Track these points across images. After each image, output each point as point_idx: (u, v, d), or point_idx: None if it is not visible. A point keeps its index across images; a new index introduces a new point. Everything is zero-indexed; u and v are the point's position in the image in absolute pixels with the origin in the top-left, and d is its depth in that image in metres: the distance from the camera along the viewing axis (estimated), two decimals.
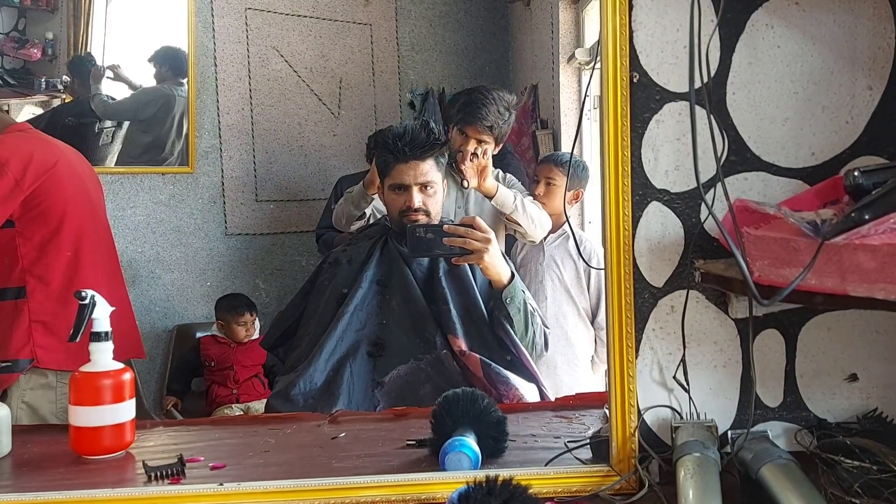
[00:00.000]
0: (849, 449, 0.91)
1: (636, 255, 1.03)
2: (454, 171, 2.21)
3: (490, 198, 2.09)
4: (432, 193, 1.67)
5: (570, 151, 2.64)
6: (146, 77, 3.10)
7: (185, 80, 3.13)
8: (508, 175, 2.28)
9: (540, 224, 2.14)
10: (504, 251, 2.25)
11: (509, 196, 2.08)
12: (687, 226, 1.03)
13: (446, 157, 1.75)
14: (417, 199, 1.65)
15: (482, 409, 1.10)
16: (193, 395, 2.90)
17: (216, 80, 3.20)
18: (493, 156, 2.14)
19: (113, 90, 3.06)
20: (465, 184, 2.06)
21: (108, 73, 3.05)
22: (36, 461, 1.18)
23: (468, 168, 2.05)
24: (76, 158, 1.85)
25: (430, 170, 1.66)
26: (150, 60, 3.09)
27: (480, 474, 0.82)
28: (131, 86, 3.10)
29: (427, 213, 1.66)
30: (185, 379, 2.89)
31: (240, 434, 1.28)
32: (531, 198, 2.20)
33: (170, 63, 3.12)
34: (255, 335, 2.91)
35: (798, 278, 0.76)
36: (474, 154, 2.05)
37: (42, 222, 1.70)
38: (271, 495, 0.97)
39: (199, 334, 2.97)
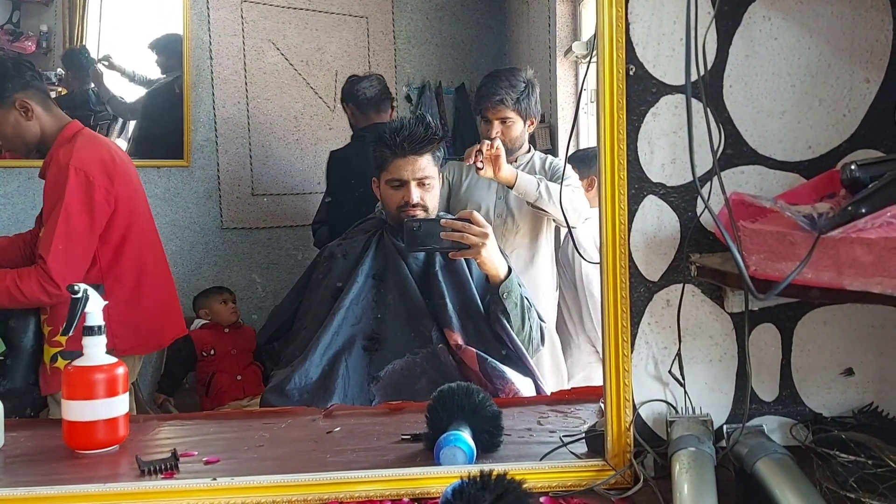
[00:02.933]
0: (844, 443, 0.91)
1: (632, 249, 1.03)
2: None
3: (510, 187, 2.07)
4: (430, 188, 1.67)
5: (566, 146, 2.64)
6: (142, 68, 3.09)
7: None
8: (551, 158, 2.27)
9: (574, 209, 2.07)
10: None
11: (531, 183, 2.05)
12: (683, 219, 1.03)
13: (443, 150, 1.74)
14: (416, 194, 1.64)
15: (477, 403, 1.10)
16: (187, 390, 2.89)
17: (212, 73, 3.19)
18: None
19: (112, 82, 3.06)
20: (480, 170, 2.02)
21: (104, 63, 3.06)
22: (29, 455, 1.17)
23: (482, 158, 2.00)
24: (122, 154, 1.95)
25: (427, 164, 1.66)
26: (151, 48, 3.08)
27: (475, 469, 0.82)
28: (124, 73, 3.09)
29: (425, 209, 1.66)
30: (179, 377, 2.88)
31: (234, 428, 1.28)
32: (571, 184, 2.14)
33: (178, 56, 3.12)
34: (239, 320, 2.94)
35: (794, 272, 0.76)
36: (479, 151, 2.02)
37: (115, 225, 1.82)
38: (265, 490, 0.97)
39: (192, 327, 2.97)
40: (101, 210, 1.77)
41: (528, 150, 2.31)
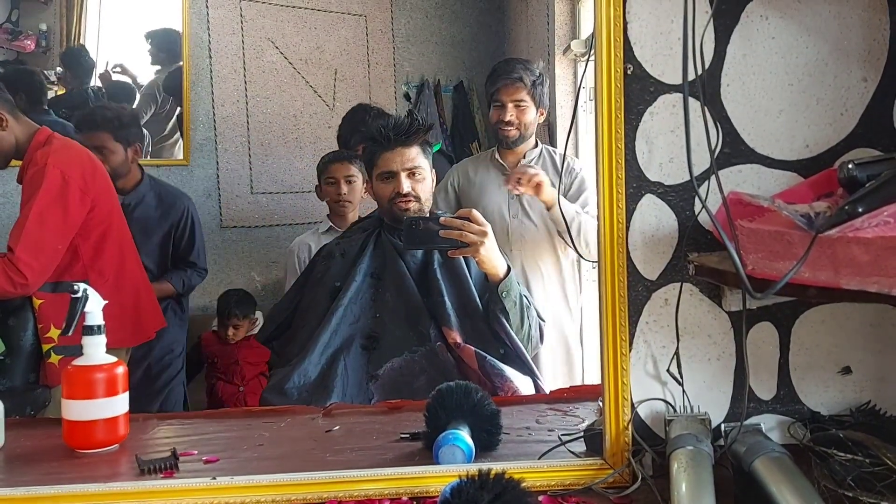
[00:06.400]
0: (842, 442, 0.91)
1: (630, 248, 1.03)
2: (501, 159, 2.22)
3: (549, 209, 2.07)
4: (421, 179, 1.66)
5: (565, 144, 2.64)
6: (141, 68, 3.10)
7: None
8: (578, 173, 2.22)
9: (587, 243, 2.03)
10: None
11: (569, 213, 2.03)
12: (681, 218, 1.03)
13: (433, 145, 1.75)
14: (406, 184, 1.64)
15: (476, 402, 1.10)
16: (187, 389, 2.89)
17: (211, 71, 3.19)
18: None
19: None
20: (515, 191, 2.03)
21: (116, 70, 3.10)
22: (29, 455, 1.17)
23: (520, 185, 2.00)
24: (95, 157, 1.97)
25: (416, 155, 1.66)
26: (146, 38, 3.10)
27: (473, 468, 0.82)
28: (135, 82, 3.15)
29: (418, 199, 1.65)
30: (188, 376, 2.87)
31: (234, 428, 1.28)
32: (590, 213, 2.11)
33: (167, 51, 3.12)
34: (255, 330, 2.89)
35: (791, 271, 0.76)
36: (518, 180, 2.00)
37: (95, 222, 1.85)
38: (265, 489, 0.97)
39: (207, 328, 2.94)
40: (76, 208, 1.79)
41: (536, 145, 2.31)
